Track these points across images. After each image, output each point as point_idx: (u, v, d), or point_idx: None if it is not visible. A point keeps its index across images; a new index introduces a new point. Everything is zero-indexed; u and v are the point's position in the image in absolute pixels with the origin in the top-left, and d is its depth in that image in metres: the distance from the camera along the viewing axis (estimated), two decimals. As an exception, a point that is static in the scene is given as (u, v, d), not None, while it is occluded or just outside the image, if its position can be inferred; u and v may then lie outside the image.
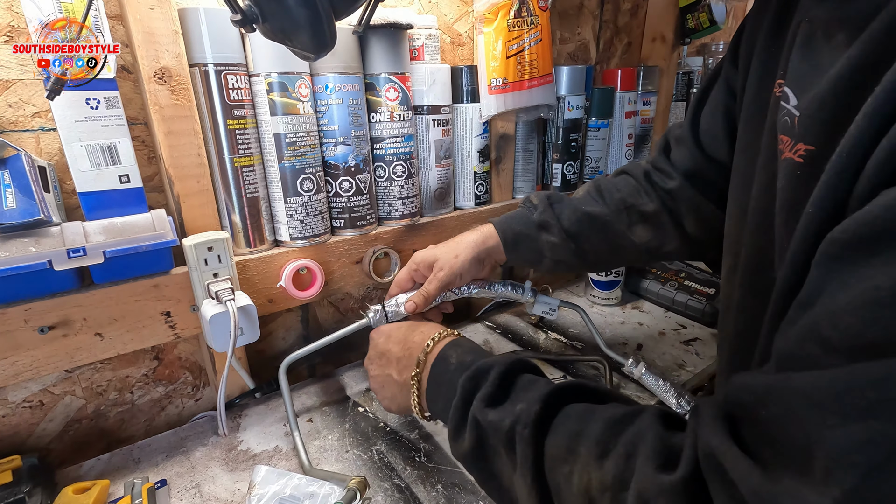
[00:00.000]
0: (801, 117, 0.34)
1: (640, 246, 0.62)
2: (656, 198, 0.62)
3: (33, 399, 0.59)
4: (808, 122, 0.32)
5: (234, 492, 0.53)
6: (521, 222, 0.63)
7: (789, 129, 0.35)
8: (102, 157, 0.52)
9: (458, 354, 0.46)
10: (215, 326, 0.54)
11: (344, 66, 0.63)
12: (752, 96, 0.46)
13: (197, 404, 0.71)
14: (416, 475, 0.54)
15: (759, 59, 0.45)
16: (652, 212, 0.61)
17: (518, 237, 0.62)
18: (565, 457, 0.33)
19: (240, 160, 0.59)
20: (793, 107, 0.35)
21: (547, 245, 0.62)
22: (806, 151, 0.32)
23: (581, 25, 0.97)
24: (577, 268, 0.65)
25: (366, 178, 0.68)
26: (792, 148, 0.34)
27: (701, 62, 1.17)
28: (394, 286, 0.63)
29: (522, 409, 0.36)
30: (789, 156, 0.34)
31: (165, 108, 0.53)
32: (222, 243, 0.56)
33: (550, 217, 0.62)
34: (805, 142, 0.32)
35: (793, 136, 0.34)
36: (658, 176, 0.63)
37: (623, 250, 0.63)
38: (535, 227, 0.62)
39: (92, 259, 0.49)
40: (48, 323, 0.50)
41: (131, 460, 0.58)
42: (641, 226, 0.62)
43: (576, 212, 0.62)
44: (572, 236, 0.61)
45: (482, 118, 0.78)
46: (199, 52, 0.54)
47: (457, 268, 0.60)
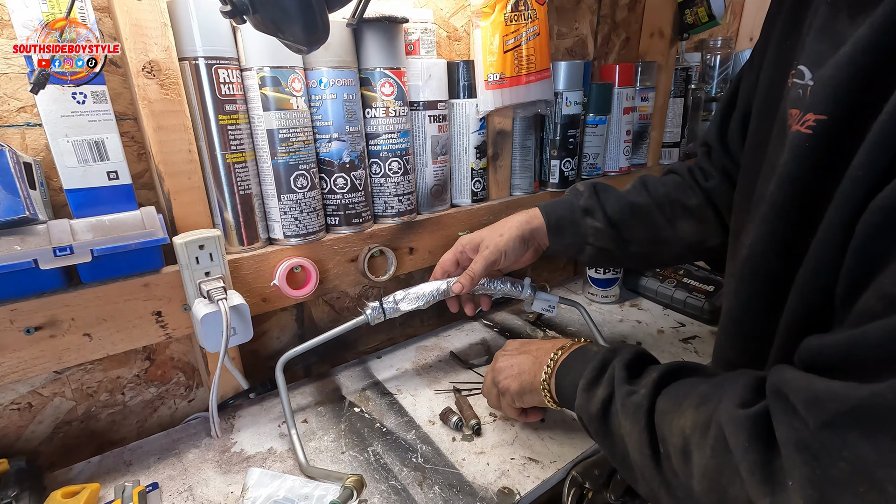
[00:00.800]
0: (814, 87, 0.33)
1: (682, 240, 0.62)
2: (700, 193, 0.62)
3: (21, 401, 0.57)
4: (822, 90, 0.32)
5: (228, 494, 0.52)
6: (566, 207, 0.63)
7: (799, 101, 0.35)
8: (90, 152, 0.50)
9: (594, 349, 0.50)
10: (207, 326, 0.53)
11: (338, 61, 0.62)
12: (765, 87, 0.45)
13: (190, 405, 0.70)
14: (412, 477, 0.53)
15: (775, 52, 0.44)
16: (695, 206, 0.61)
17: (562, 221, 0.62)
18: (673, 409, 0.37)
19: (232, 156, 0.58)
20: (807, 80, 0.35)
21: (591, 230, 0.62)
22: (816, 122, 0.32)
23: (578, 20, 0.96)
24: (618, 260, 0.66)
25: (361, 175, 0.67)
26: (800, 120, 0.33)
27: (699, 58, 1.16)
28: (437, 268, 0.65)
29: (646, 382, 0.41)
30: (797, 128, 0.34)
31: (155, 102, 0.52)
32: (214, 241, 0.55)
33: (595, 203, 0.62)
34: (816, 111, 0.32)
35: (802, 107, 0.34)
36: (700, 174, 0.63)
37: (665, 243, 0.63)
38: (581, 211, 0.62)
39: (79, 258, 0.47)
40: (35, 323, 0.49)
41: (122, 463, 0.57)
42: (685, 220, 0.62)
43: (620, 200, 0.62)
44: (615, 224, 0.61)
45: (479, 114, 0.77)
46: (189, 45, 0.53)
47: (501, 245, 0.60)
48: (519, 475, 0.54)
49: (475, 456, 0.56)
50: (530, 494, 0.52)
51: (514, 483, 0.53)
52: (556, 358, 0.52)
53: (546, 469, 0.55)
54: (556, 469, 0.55)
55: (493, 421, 0.62)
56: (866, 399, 0.22)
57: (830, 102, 0.31)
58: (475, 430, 0.60)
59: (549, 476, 0.54)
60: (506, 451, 0.57)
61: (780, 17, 0.44)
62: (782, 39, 0.43)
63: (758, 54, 0.49)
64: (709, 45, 1.17)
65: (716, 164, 0.62)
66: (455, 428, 0.61)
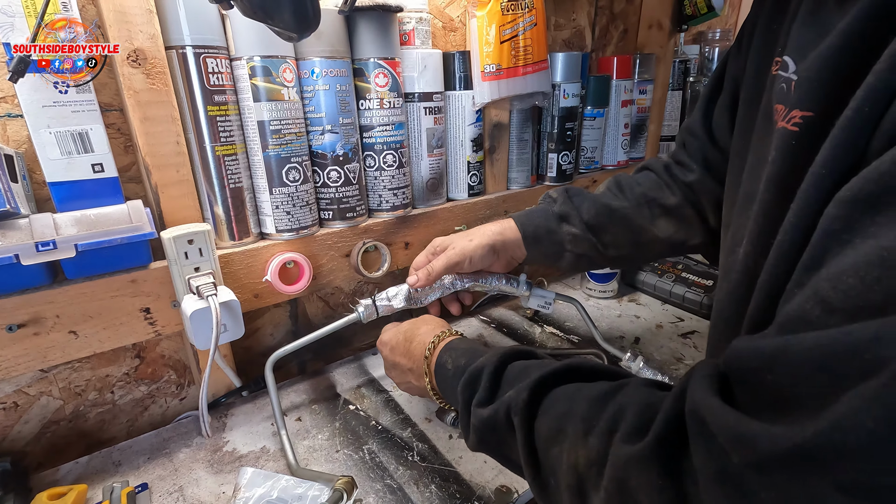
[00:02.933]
0: (798, 81, 0.31)
1: (664, 240, 0.60)
2: (678, 191, 0.60)
3: (7, 400, 0.56)
4: (807, 85, 0.30)
5: (219, 495, 0.51)
6: (541, 215, 0.61)
7: (784, 96, 0.33)
8: (73, 144, 0.49)
9: (452, 360, 0.46)
10: (197, 323, 0.51)
11: (331, 50, 0.60)
12: (751, 77, 0.44)
13: (182, 403, 0.69)
14: (408, 475, 0.52)
15: (760, 38, 0.43)
16: (674, 205, 0.59)
17: (538, 230, 0.60)
18: (555, 437, 0.33)
19: (222, 149, 0.56)
20: (791, 73, 0.33)
21: (568, 237, 0.60)
22: (802, 118, 0.30)
23: (576, 11, 0.95)
24: (598, 264, 0.64)
25: (355, 168, 0.66)
26: (786, 117, 0.32)
27: (698, 50, 1.15)
28: (412, 268, 0.63)
29: (511, 396, 0.36)
30: (783, 125, 0.32)
31: (141, 92, 0.50)
32: (203, 236, 0.53)
33: (570, 208, 0.60)
34: (801, 107, 0.30)
35: (788, 103, 0.32)
36: (678, 170, 0.61)
37: (646, 245, 0.61)
38: (556, 218, 0.60)
39: (63, 253, 0.46)
40: (17, 321, 0.47)
41: (111, 463, 0.55)
42: (664, 219, 0.60)
43: (595, 204, 0.60)
44: (592, 228, 0.59)
45: (475, 106, 0.75)
46: (175, 33, 0.51)
47: (468, 251, 0.59)
48: (517, 473, 0.53)
49: (472, 454, 0.55)
50: (528, 492, 0.51)
51: (511, 481, 0.52)
52: (431, 385, 0.50)
53: (544, 467, 0.54)
54: (554, 467, 0.54)
55: (490, 418, 0.61)
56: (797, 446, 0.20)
57: (816, 99, 0.29)
58: (472, 428, 0.59)
59: (547, 474, 0.53)
60: (503, 448, 0.56)
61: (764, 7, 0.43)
62: (769, 23, 0.42)
63: (745, 37, 0.47)
64: (707, 38, 1.15)
65: (695, 156, 0.60)
66: (451, 425, 0.60)
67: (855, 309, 0.20)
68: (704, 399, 0.25)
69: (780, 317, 0.25)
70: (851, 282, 0.21)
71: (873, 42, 0.25)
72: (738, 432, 0.22)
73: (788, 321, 0.24)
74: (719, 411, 0.23)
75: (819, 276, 0.23)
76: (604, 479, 0.28)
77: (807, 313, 0.23)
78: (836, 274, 0.22)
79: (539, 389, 0.36)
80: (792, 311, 0.24)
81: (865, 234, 0.21)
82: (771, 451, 0.20)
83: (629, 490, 0.27)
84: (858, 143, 0.24)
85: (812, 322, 0.22)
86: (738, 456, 0.22)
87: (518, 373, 0.39)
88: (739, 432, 0.22)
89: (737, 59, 0.51)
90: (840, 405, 0.19)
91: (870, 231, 0.21)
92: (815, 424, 0.19)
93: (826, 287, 0.22)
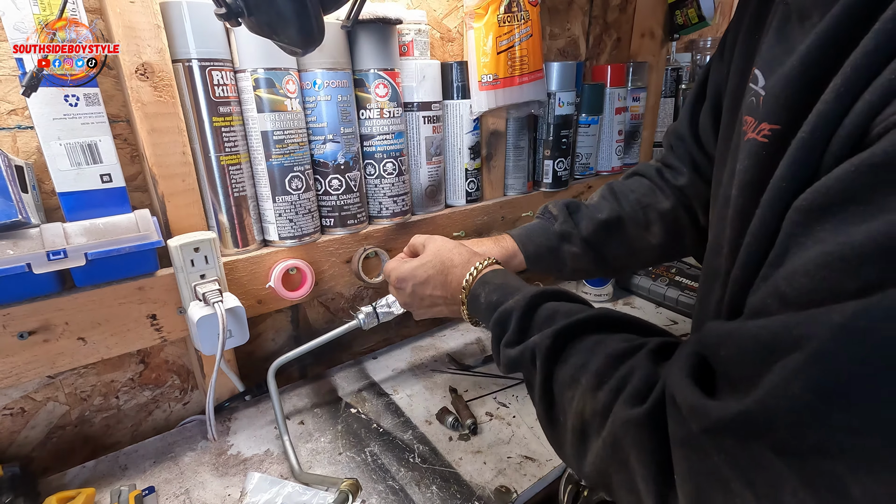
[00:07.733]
0: (766, 97, 0.33)
1: (659, 245, 0.61)
2: (671, 195, 0.61)
3: (14, 406, 0.57)
4: (773, 101, 0.32)
5: (225, 497, 0.52)
6: (541, 234, 0.62)
7: (754, 110, 0.35)
8: (83, 155, 0.50)
9: (485, 294, 0.47)
10: (203, 329, 0.52)
11: (332, 62, 0.62)
12: (732, 86, 0.45)
13: (185, 408, 0.70)
14: (410, 477, 0.54)
15: (740, 48, 0.45)
16: (668, 209, 0.61)
17: (540, 249, 0.62)
18: (570, 384, 0.36)
19: (226, 158, 0.58)
20: (760, 87, 0.35)
21: (569, 255, 0.62)
22: (771, 131, 0.32)
23: (571, 21, 0.97)
24: (597, 275, 0.65)
25: (356, 176, 0.67)
26: (755, 128, 0.34)
27: (689, 58, 1.17)
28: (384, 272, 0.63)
29: (536, 342, 0.39)
30: (752, 136, 0.34)
31: (148, 105, 0.51)
32: (209, 244, 0.55)
33: (571, 227, 0.61)
34: (769, 121, 0.32)
35: (756, 116, 0.34)
36: (669, 173, 0.63)
37: (641, 252, 0.62)
38: (557, 237, 0.62)
39: (73, 261, 0.47)
40: (28, 328, 0.48)
41: (118, 467, 0.56)
42: (659, 225, 0.61)
43: (592, 221, 0.62)
44: (592, 246, 0.61)
45: (473, 114, 0.77)
46: (182, 47, 0.53)
47: None
48: (516, 473, 0.54)
49: (472, 455, 0.57)
50: (527, 493, 0.53)
51: (510, 482, 0.53)
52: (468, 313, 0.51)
53: (542, 467, 0.55)
54: (552, 467, 0.55)
55: (489, 420, 0.63)
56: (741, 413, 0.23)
57: (783, 113, 0.31)
58: (472, 430, 0.60)
59: (545, 474, 0.55)
60: (502, 449, 0.58)
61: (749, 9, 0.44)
62: (750, 33, 0.43)
63: (728, 45, 0.49)
64: (699, 46, 1.18)
65: (683, 159, 0.61)
66: (452, 427, 0.61)
67: (805, 303, 0.23)
68: (674, 376, 0.29)
69: (746, 307, 0.28)
70: (802, 280, 0.23)
71: (829, 64, 0.27)
72: (697, 404, 0.26)
73: (751, 310, 0.27)
74: (684, 387, 0.27)
75: (778, 273, 0.26)
76: (604, 430, 0.32)
77: (767, 306, 0.26)
78: (791, 272, 0.24)
79: (562, 337, 0.38)
80: (755, 302, 0.27)
81: (815, 238, 0.24)
82: (719, 418, 0.24)
83: (623, 446, 0.31)
84: (811, 161, 0.27)
85: (771, 313, 0.25)
86: (696, 424, 0.26)
87: (545, 318, 0.41)
88: (698, 404, 0.26)
89: (719, 67, 0.52)
90: (772, 375, 0.22)
91: (819, 236, 0.24)
92: (755, 394, 0.23)
93: (783, 283, 0.25)
